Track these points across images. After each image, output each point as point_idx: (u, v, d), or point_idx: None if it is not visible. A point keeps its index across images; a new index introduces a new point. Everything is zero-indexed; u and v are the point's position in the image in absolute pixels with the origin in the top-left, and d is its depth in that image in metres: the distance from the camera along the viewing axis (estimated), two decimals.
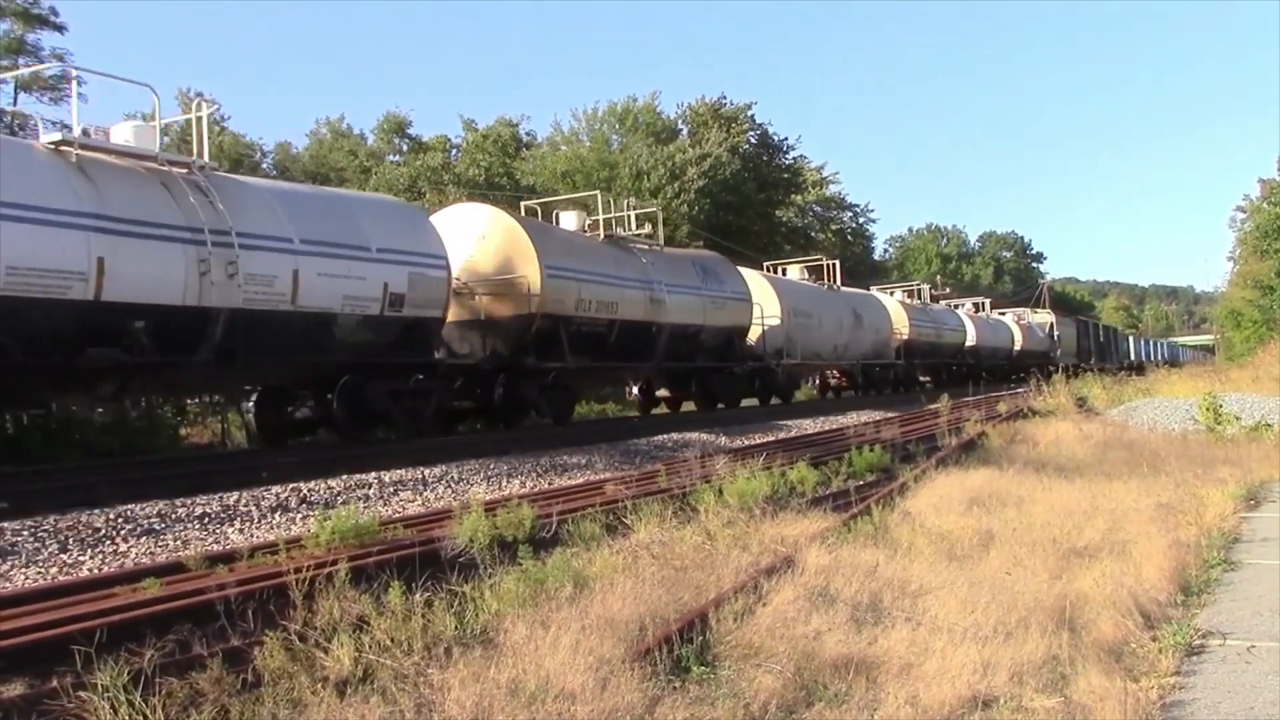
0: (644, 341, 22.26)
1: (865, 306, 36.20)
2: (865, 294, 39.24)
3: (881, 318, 37.32)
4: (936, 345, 43.68)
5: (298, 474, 11.95)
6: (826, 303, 33.01)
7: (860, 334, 34.52)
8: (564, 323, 19.47)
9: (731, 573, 6.98)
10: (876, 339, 36.19)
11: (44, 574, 7.75)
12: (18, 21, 31.30)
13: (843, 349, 33.44)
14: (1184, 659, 5.36)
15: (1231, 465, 12.62)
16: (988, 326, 52.48)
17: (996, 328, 54.42)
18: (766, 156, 58.91)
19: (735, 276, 26.60)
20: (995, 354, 53.00)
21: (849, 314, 34.04)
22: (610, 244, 22.49)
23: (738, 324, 25.96)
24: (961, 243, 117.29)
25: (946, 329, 45.31)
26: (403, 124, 53.48)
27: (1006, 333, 55.89)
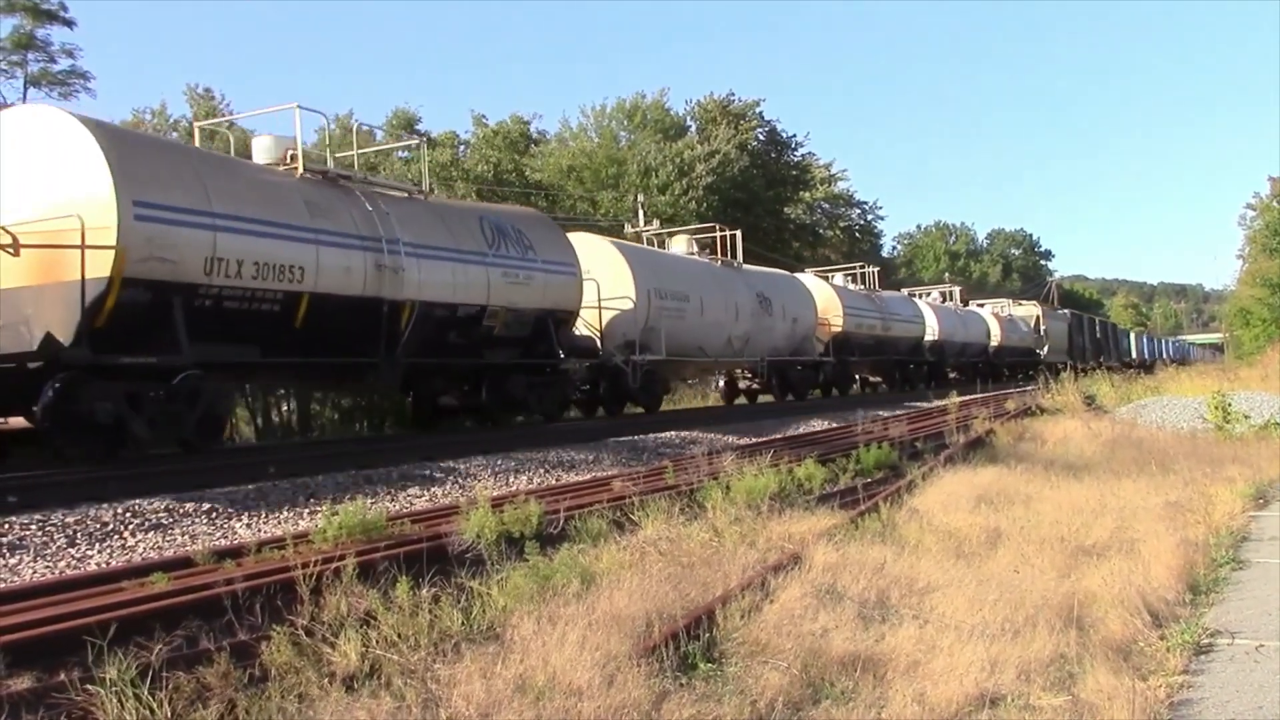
0: (367, 326, 15.04)
1: (778, 289, 29.27)
2: (778, 274, 31.91)
3: (802, 304, 30.48)
4: (883, 339, 36.73)
5: (305, 469, 11.96)
6: (713, 282, 25.89)
7: (769, 323, 27.84)
8: (179, 294, 12.33)
9: (738, 570, 6.97)
10: (795, 330, 29.58)
11: (52, 568, 7.78)
12: (27, 16, 31.37)
13: (741, 342, 26.65)
14: (1192, 658, 5.34)
15: (1240, 464, 12.58)
16: (955, 319, 45.80)
17: (968, 320, 48.07)
18: (775, 153, 58.84)
19: (557, 242, 19.86)
20: (965, 351, 46.90)
21: (749, 298, 27.06)
22: (313, 183, 15.26)
23: (558, 306, 19.12)
24: (970, 240, 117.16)
25: (897, 320, 38.35)
26: (412, 120, 53.45)
27: (981, 326, 49.79)
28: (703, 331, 24.55)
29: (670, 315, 22.95)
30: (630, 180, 46.86)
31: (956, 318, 46.13)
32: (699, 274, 25.63)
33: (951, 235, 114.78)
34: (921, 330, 40.73)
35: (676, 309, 23.39)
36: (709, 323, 24.86)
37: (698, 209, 46.51)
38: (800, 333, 30.02)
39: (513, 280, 17.81)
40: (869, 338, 35.42)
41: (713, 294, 25.25)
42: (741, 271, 28.09)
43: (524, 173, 48.63)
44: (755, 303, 27.12)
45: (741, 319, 26.37)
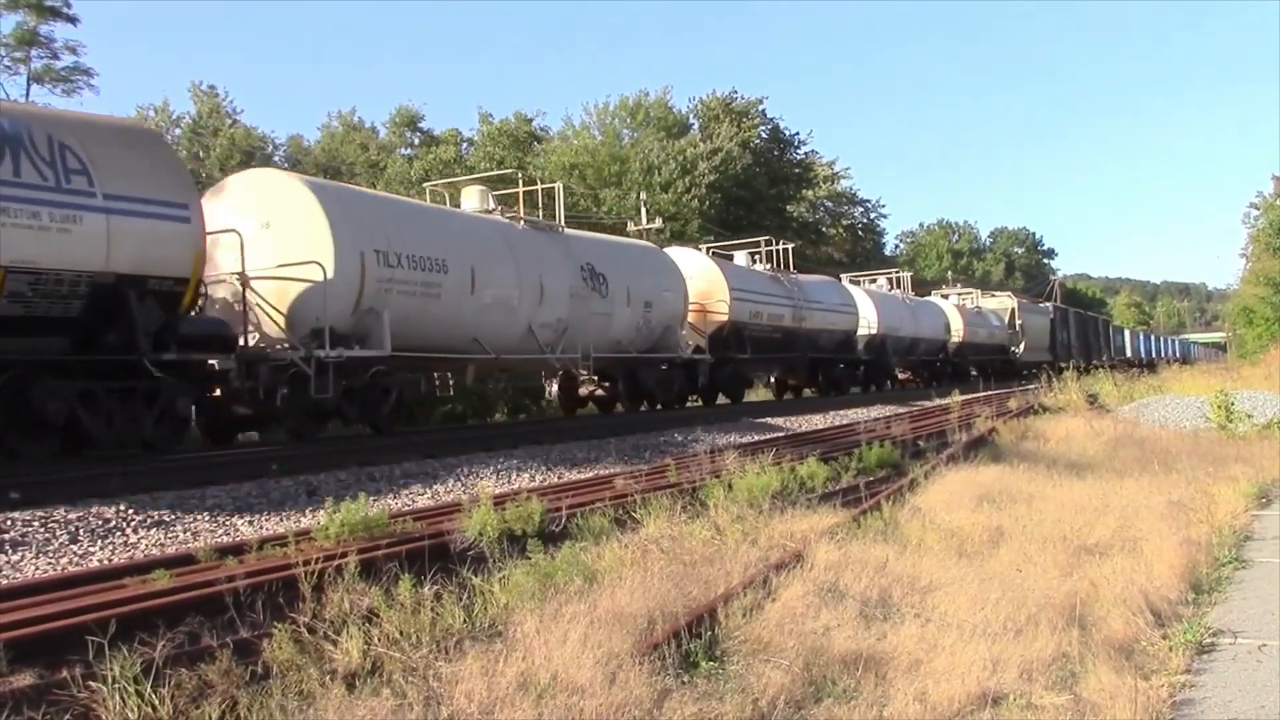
0: None
1: (620, 263, 21.70)
2: (626, 245, 24.26)
3: (662, 284, 22.92)
4: (795, 333, 28.93)
5: (307, 466, 11.96)
6: (503, 248, 18.21)
7: (602, 308, 20.51)
8: None
9: (740, 568, 6.98)
10: (649, 319, 22.19)
11: (55, 565, 7.78)
12: (31, 13, 31.40)
13: (553, 333, 19.22)
14: (1195, 657, 5.34)
15: (1243, 463, 12.58)
16: (902, 310, 38.56)
17: (920, 312, 40.73)
18: (778, 151, 58.82)
19: (152, 169, 12.35)
20: (916, 348, 39.69)
21: (569, 272, 19.61)
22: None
23: (142, 270, 11.90)
24: (973, 238, 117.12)
25: (817, 309, 30.46)
26: (415, 117, 53.57)
27: (937, 320, 42.29)
28: (477, 317, 17.10)
29: (407, 292, 15.69)
30: (633, 178, 46.87)
31: (904, 309, 39.08)
32: (477, 236, 17.85)
33: (954, 233, 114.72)
34: (854, 322, 33.54)
35: (423, 284, 16.09)
36: (488, 305, 17.31)
37: (700, 207, 46.55)
38: (658, 322, 22.51)
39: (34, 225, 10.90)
40: (773, 330, 28.06)
41: (499, 264, 17.77)
42: (561, 237, 20.25)
43: (527, 170, 48.64)
44: (580, 279, 19.88)
45: (553, 301, 18.93)
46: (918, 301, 42.68)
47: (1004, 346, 50.61)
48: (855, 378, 34.95)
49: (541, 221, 20.70)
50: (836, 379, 33.02)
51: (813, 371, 31.92)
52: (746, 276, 27.76)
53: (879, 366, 36.45)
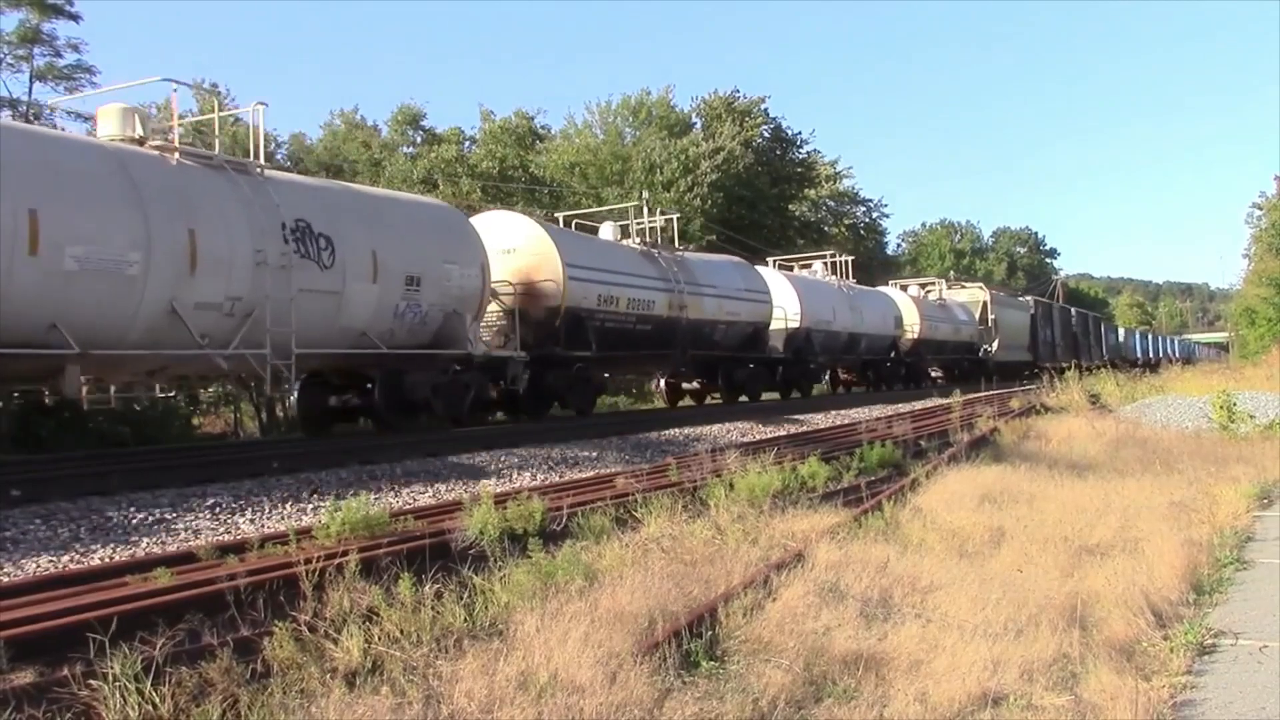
0: None
1: (363, 221, 15.59)
2: (376, 196, 17.73)
3: (442, 256, 16.73)
4: (669, 324, 23.23)
5: (308, 464, 11.97)
6: (91, 185, 11.88)
7: (327, 284, 14.57)
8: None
9: (741, 567, 6.97)
10: (413, 303, 16.14)
11: (56, 562, 7.78)
12: (33, 10, 31.37)
13: (233, 320, 13.36)
14: (1196, 658, 5.34)
15: (1245, 464, 12.57)
16: (834, 299, 32.41)
17: (860, 302, 34.27)
18: (780, 151, 58.81)
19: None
20: (852, 345, 33.38)
21: (255, 229, 13.58)
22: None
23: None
24: (975, 238, 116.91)
25: (708, 295, 24.89)
26: (417, 115, 53.48)
27: (886, 312, 36.28)
28: (49, 292, 11.18)
29: None
30: (635, 177, 46.85)
31: (838, 299, 32.76)
32: (56, 168, 11.63)
33: (957, 233, 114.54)
34: (764, 313, 27.38)
35: None
36: (73, 272, 11.36)
37: (702, 206, 46.53)
38: (432, 305, 16.45)
39: None
40: (638, 321, 22.25)
41: (99, 210, 11.79)
42: (253, 180, 14.26)
43: (529, 169, 48.65)
44: (281, 240, 13.89)
45: (220, 270, 13.05)
46: (860, 291, 36.07)
47: (971, 344, 45.49)
48: (773, 379, 28.87)
49: (218, 155, 14.35)
50: (741, 382, 26.75)
51: (709, 372, 26.69)
52: (595, 250, 22.25)
53: (800, 367, 29.93)
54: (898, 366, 38.38)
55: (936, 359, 42.97)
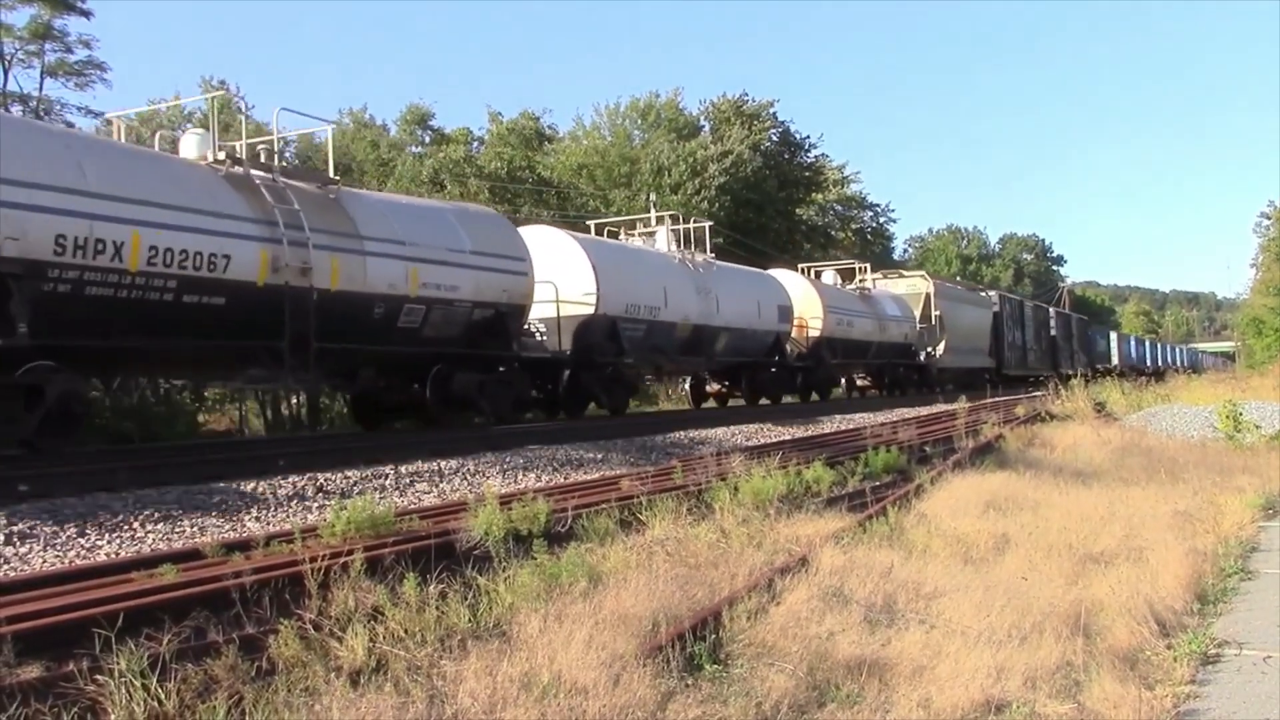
0: None
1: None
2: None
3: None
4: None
5: (315, 463, 11.98)
6: None
7: None
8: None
9: (745, 571, 6.98)
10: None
11: (62, 558, 7.80)
12: (45, 6, 31.47)
13: None
14: (1199, 668, 5.34)
15: (1250, 474, 12.56)
16: (665, 277, 23.31)
17: (713, 286, 24.59)
18: (788, 154, 58.79)
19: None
20: (700, 343, 24.13)
21: None
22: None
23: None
24: (982, 244, 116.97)
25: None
26: (425, 116, 53.56)
27: (763, 300, 26.72)
28: None
29: None
30: (643, 179, 46.88)
31: (673, 277, 23.75)
32: None
33: (963, 239, 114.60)
34: (518, 291, 18.13)
35: None
36: None
37: (709, 209, 46.58)
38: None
39: None
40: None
41: None
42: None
43: (536, 170, 48.67)
44: None
45: None
46: (721, 269, 26.05)
47: (908, 347, 36.89)
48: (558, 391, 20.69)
49: None
50: (457, 393, 17.13)
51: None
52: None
53: (590, 371, 20.87)
54: (787, 374, 28.33)
55: (852, 364, 33.71)
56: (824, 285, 32.33)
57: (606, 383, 21.51)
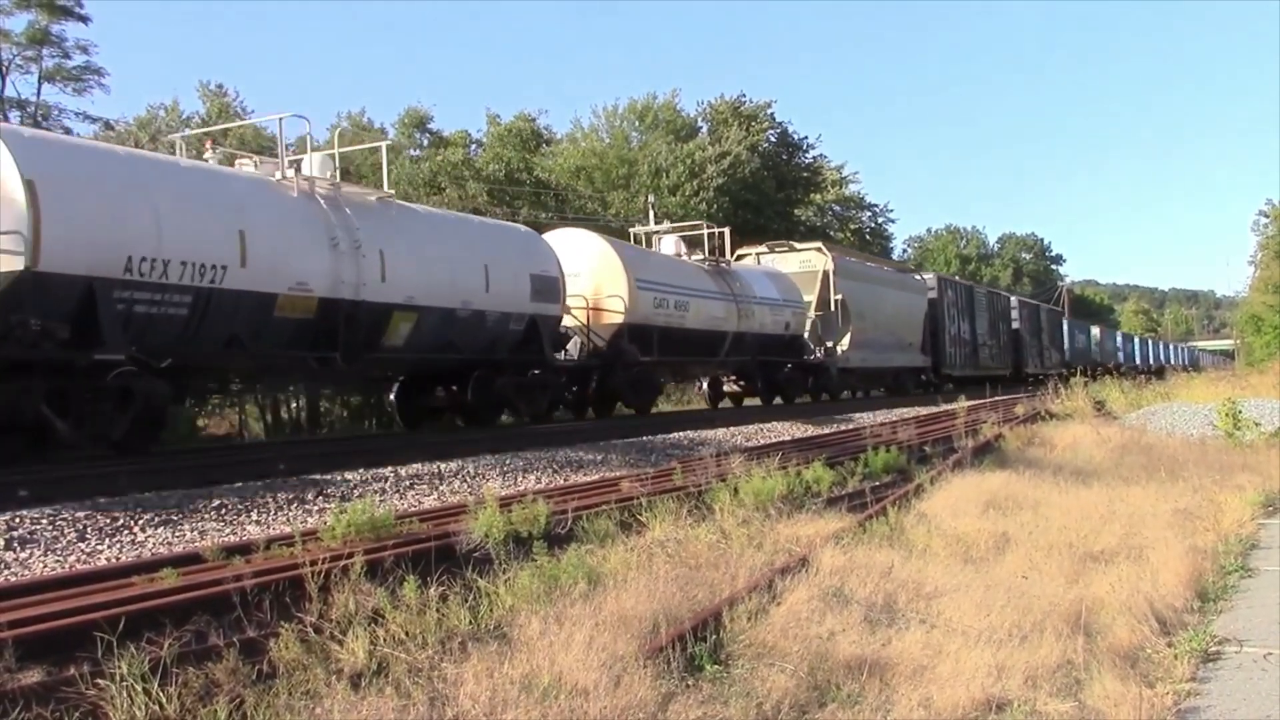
0: None
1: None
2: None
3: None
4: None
5: (315, 466, 11.99)
6: None
7: None
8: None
9: (746, 572, 6.98)
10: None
11: (62, 562, 7.80)
12: (43, 12, 31.50)
13: None
14: (1200, 665, 5.34)
15: (1250, 471, 12.55)
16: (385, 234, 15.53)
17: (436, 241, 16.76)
18: (786, 155, 58.78)
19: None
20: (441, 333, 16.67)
21: None
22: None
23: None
24: (980, 244, 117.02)
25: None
26: (424, 118, 53.53)
27: (510, 269, 18.05)
28: None
29: None
30: (641, 181, 46.87)
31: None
32: None
33: (962, 239, 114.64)
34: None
35: None
36: None
37: (708, 210, 46.57)
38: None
39: None
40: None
41: None
42: None
43: (534, 172, 48.64)
44: None
45: None
46: (454, 221, 19.19)
47: (792, 341, 28.15)
48: None
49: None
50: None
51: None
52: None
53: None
54: (554, 379, 20.03)
55: (689, 363, 25.06)
56: (634, 251, 23.48)
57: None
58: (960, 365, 39.91)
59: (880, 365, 33.93)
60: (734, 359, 25.98)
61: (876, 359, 33.17)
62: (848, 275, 32.03)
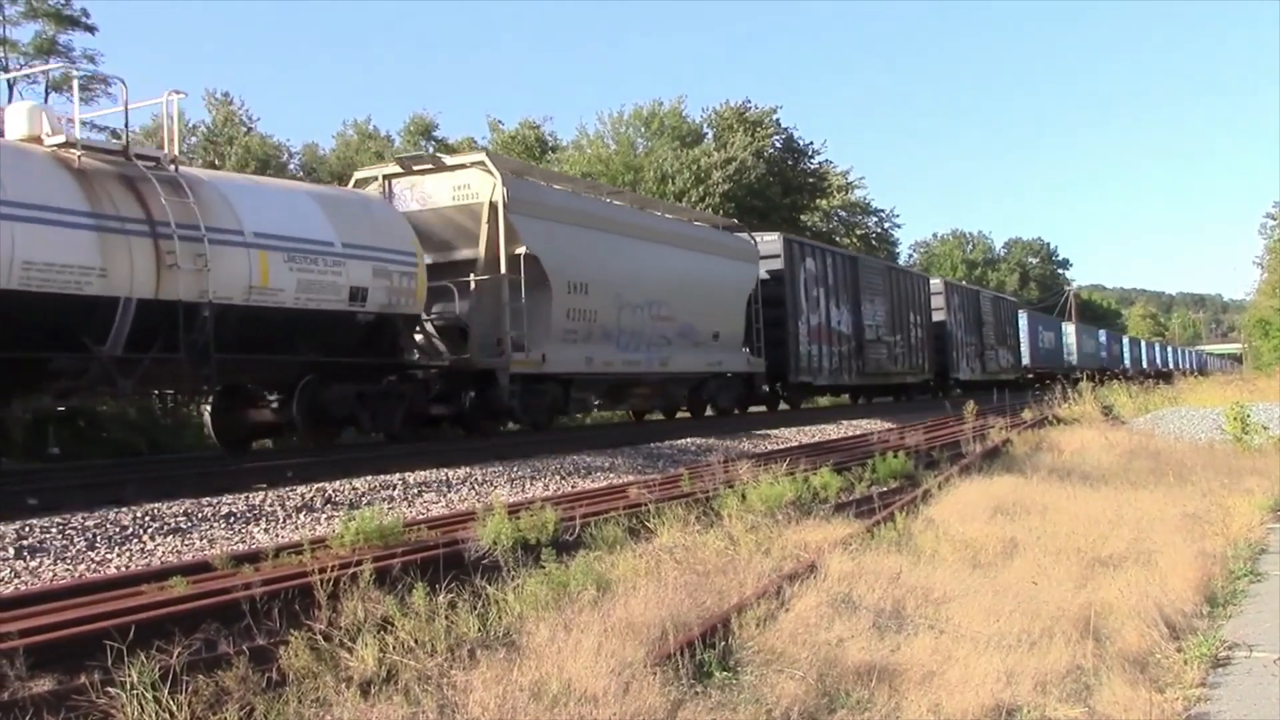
0: None
1: None
2: None
3: None
4: None
5: (323, 474, 12.01)
6: None
7: None
8: None
9: (754, 578, 6.98)
10: None
11: (72, 571, 7.83)
12: (49, 22, 31.61)
13: None
14: (1209, 670, 5.33)
15: (1259, 475, 12.51)
16: None
17: None
18: (792, 161, 58.74)
19: None
20: None
21: None
22: None
23: None
24: (987, 249, 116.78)
25: None
26: (429, 126, 53.66)
27: None
28: None
29: None
30: (646, 187, 46.88)
31: None
32: None
33: (969, 244, 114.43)
34: None
35: None
36: None
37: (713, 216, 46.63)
38: None
39: None
40: None
41: None
42: None
43: None
44: None
45: None
46: None
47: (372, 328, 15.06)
48: None
49: None
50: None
51: None
52: None
53: None
54: None
55: None
56: None
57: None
58: (829, 370, 27.69)
59: (631, 371, 20.23)
60: None
61: (624, 360, 19.81)
62: (541, 213, 17.80)
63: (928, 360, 36.11)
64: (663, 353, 21.42)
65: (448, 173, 17.92)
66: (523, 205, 17.49)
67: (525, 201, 17.68)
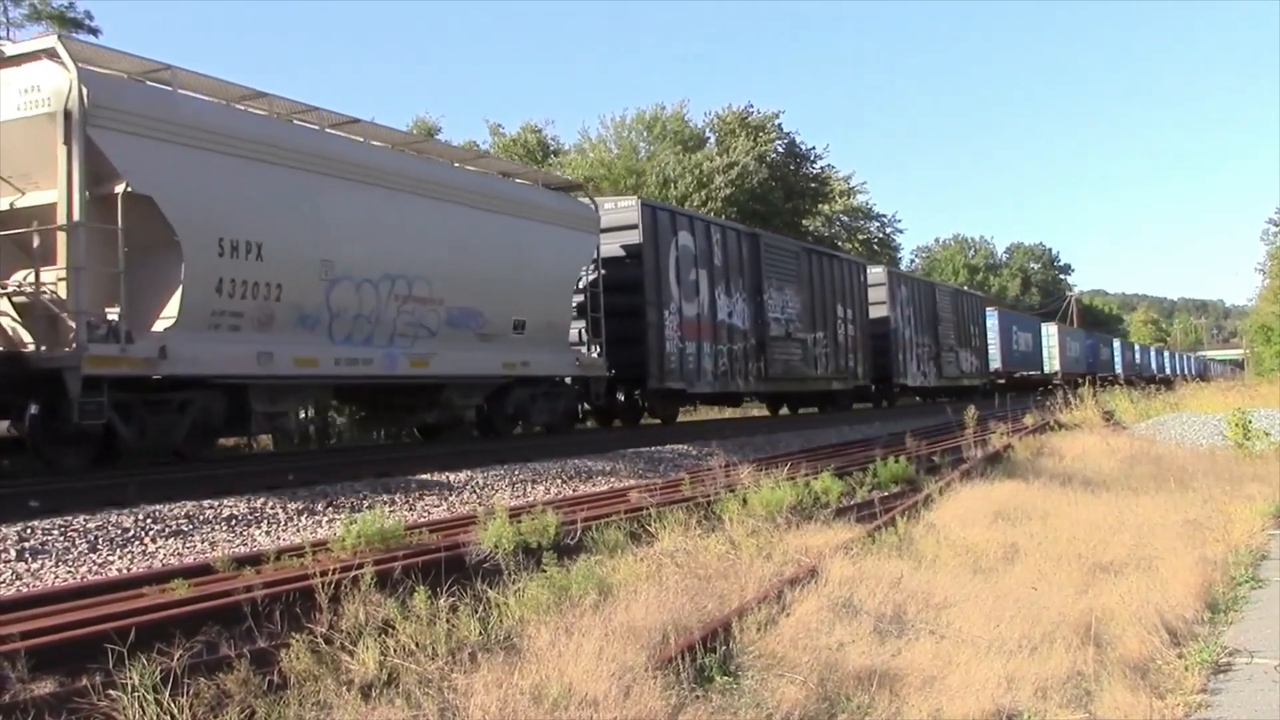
0: None
1: None
2: None
3: None
4: None
5: (324, 477, 12.01)
6: None
7: None
8: None
9: (755, 582, 6.98)
10: None
11: (74, 573, 7.83)
12: (53, 25, 31.68)
13: None
14: (1210, 677, 5.32)
15: (1260, 482, 12.50)
16: None
17: None
18: (794, 165, 58.77)
19: None
20: None
21: None
22: None
23: None
24: (989, 254, 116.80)
25: None
26: (431, 130, 53.71)
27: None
28: None
29: None
30: (649, 191, 46.90)
31: None
32: None
33: (970, 249, 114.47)
34: None
35: None
36: None
37: None
38: None
39: None
40: None
41: None
42: None
43: None
44: None
45: None
46: None
47: None
48: None
49: None
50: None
51: None
52: None
53: None
54: None
55: None
56: None
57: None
58: (713, 374, 22.80)
59: (356, 373, 14.48)
60: None
61: (340, 357, 14.15)
62: (166, 133, 11.84)
63: (863, 363, 30.57)
64: (418, 347, 15.46)
65: (12, 67, 11.53)
66: (123, 118, 11.36)
67: (128, 113, 11.45)
